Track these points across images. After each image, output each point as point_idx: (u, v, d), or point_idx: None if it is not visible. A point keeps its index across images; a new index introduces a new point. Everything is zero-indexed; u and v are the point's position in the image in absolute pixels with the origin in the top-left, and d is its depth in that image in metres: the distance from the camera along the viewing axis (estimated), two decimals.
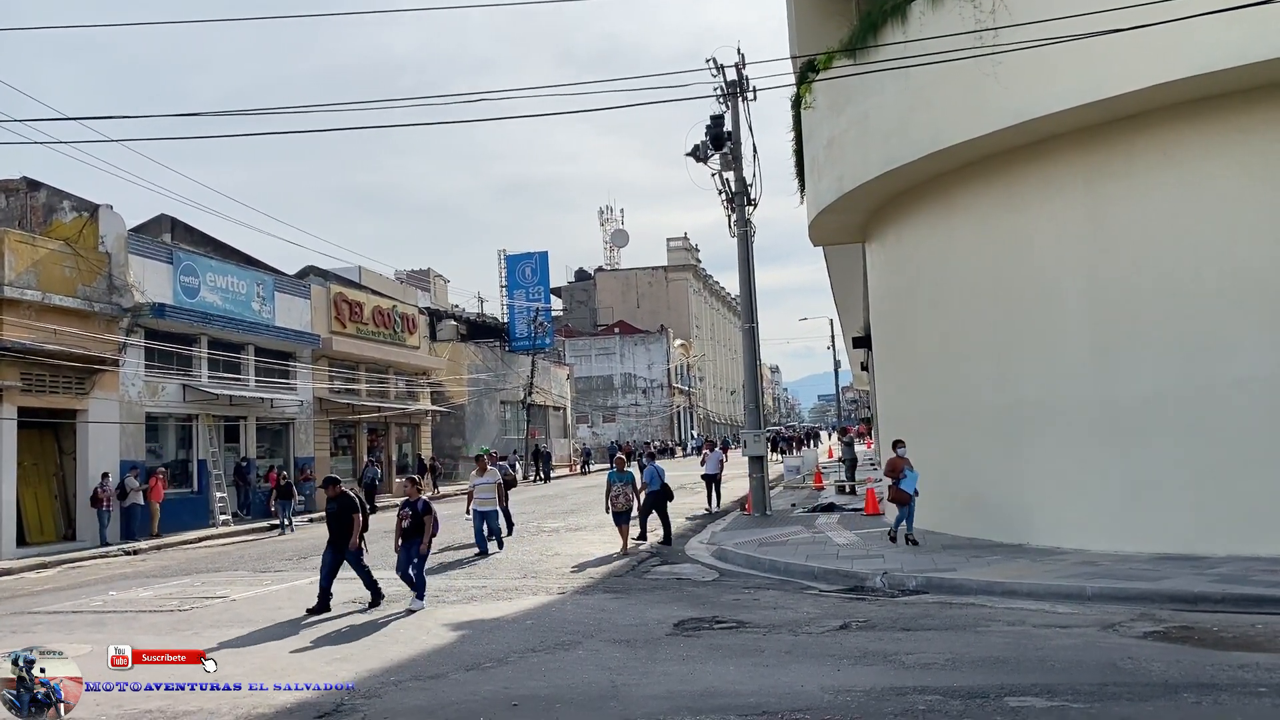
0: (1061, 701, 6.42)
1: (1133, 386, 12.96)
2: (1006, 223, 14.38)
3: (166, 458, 25.54)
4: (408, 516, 12.02)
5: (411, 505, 12.15)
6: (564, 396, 62.25)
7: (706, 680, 7.63)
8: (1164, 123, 12.61)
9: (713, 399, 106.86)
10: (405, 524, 12.03)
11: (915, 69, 13.52)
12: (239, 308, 27.61)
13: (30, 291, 20.30)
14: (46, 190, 23.19)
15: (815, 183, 17.99)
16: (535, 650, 9.13)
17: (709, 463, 23.55)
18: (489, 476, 16.91)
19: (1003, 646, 8.35)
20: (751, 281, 21.76)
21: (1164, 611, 9.68)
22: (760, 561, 14.42)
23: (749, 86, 21.72)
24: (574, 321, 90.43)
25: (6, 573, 17.70)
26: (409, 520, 11.99)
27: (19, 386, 19.94)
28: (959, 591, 11.36)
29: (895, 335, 18.10)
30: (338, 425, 33.78)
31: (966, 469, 15.32)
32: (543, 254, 60.19)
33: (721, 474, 24.07)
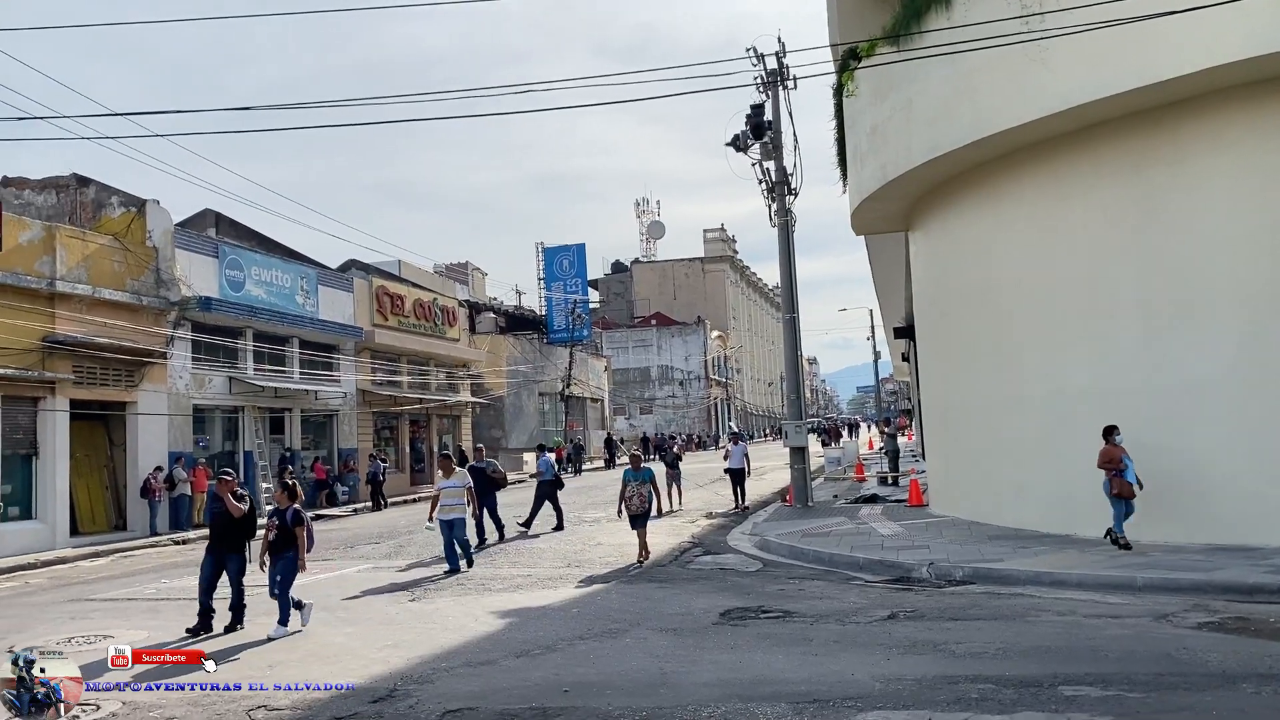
0: (1117, 691, 6.36)
1: (1184, 374, 12.78)
2: (1054, 210, 14.22)
3: (213, 449, 25.91)
4: (274, 528, 10.21)
5: (280, 515, 10.31)
6: (601, 388, 62.40)
7: (755, 669, 7.65)
8: (1215, 107, 12.39)
9: (750, 390, 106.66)
10: (272, 536, 10.22)
11: (960, 55, 13.38)
12: (283, 301, 27.93)
13: (81, 286, 20.66)
14: (95, 186, 23.59)
15: (858, 171, 17.89)
16: (583, 638, 9.18)
17: (733, 456, 22.20)
18: (456, 479, 14.60)
19: (1054, 636, 8.29)
20: (793, 272, 21.67)
21: (1218, 602, 9.55)
22: (804, 552, 14.39)
23: (789, 75, 21.62)
24: (611, 313, 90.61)
25: (61, 561, 18.06)
26: (275, 532, 10.19)
27: (71, 379, 20.31)
28: (1007, 582, 11.28)
29: (940, 324, 17.95)
30: (380, 417, 34.09)
31: (1013, 459, 15.18)
32: (580, 246, 60.36)
33: (748, 468, 22.61)
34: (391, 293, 34.45)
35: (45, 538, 19.51)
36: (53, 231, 20.44)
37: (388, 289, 34.36)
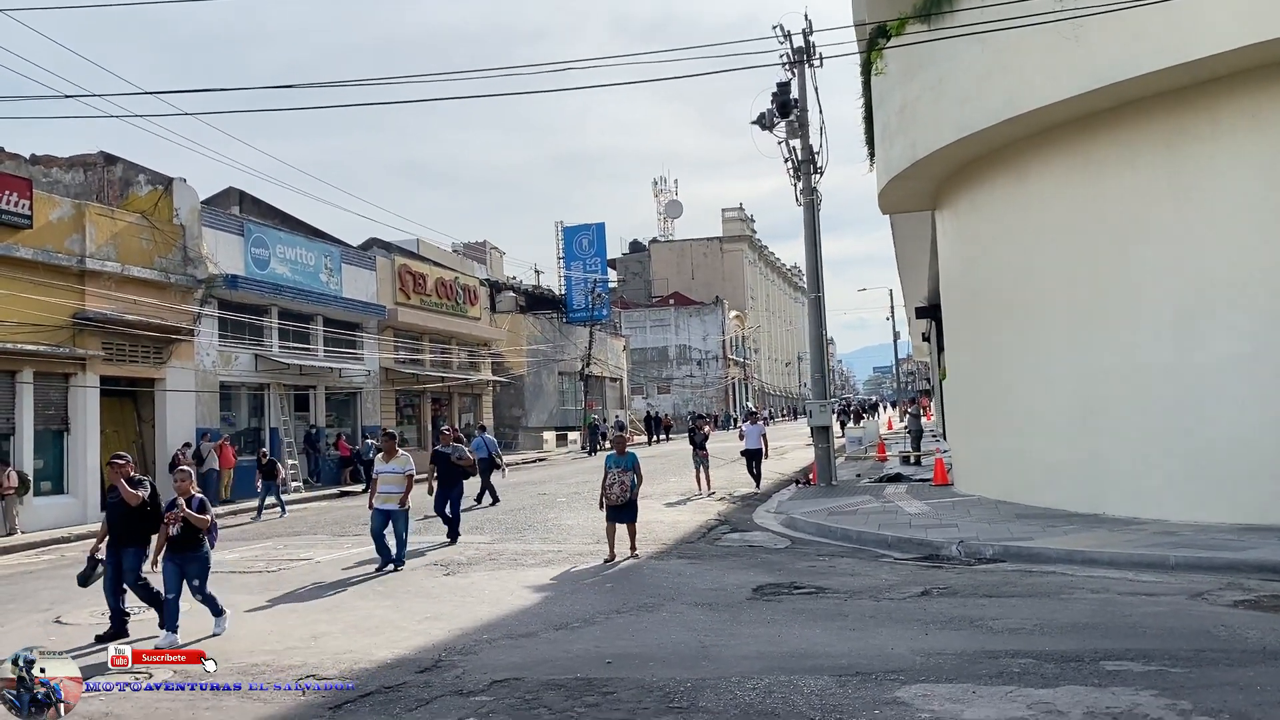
0: (1159, 666, 6.41)
1: (1214, 353, 12.74)
2: (1085, 189, 14.16)
3: (239, 426, 26.15)
4: (176, 520, 8.87)
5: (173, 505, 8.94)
6: (620, 368, 62.49)
7: (795, 642, 7.73)
8: (1251, 85, 12.30)
9: (768, 370, 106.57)
10: (174, 530, 8.90)
11: (992, 33, 13.31)
12: (307, 279, 28.08)
13: (110, 263, 20.83)
14: (123, 164, 23.72)
15: (886, 149, 17.83)
16: (619, 611, 9.29)
17: (749, 436, 21.95)
18: (396, 464, 12.69)
19: (1089, 613, 8.33)
20: (818, 250, 21.66)
21: (1252, 581, 9.58)
22: (832, 530, 14.46)
23: (815, 53, 21.55)
24: (629, 293, 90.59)
25: (94, 535, 18.25)
26: (178, 526, 8.88)
27: (101, 356, 20.51)
28: (1038, 560, 11.32)
29: (968, 303, 17.92)
30: (403, 395, 34.28)
31: (1042, 438, 15.17)
32: (599, 225, 60.31)
33: (765, 449, 22.25)
34: (414, 271, 34.58)
35: (77, 512, 19.78)
36: (82, 209, 20.60)
37: (410, 268, 34.48)
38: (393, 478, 12.62)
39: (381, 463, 12.85)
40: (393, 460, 12.71)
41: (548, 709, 6.29)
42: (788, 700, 6.14)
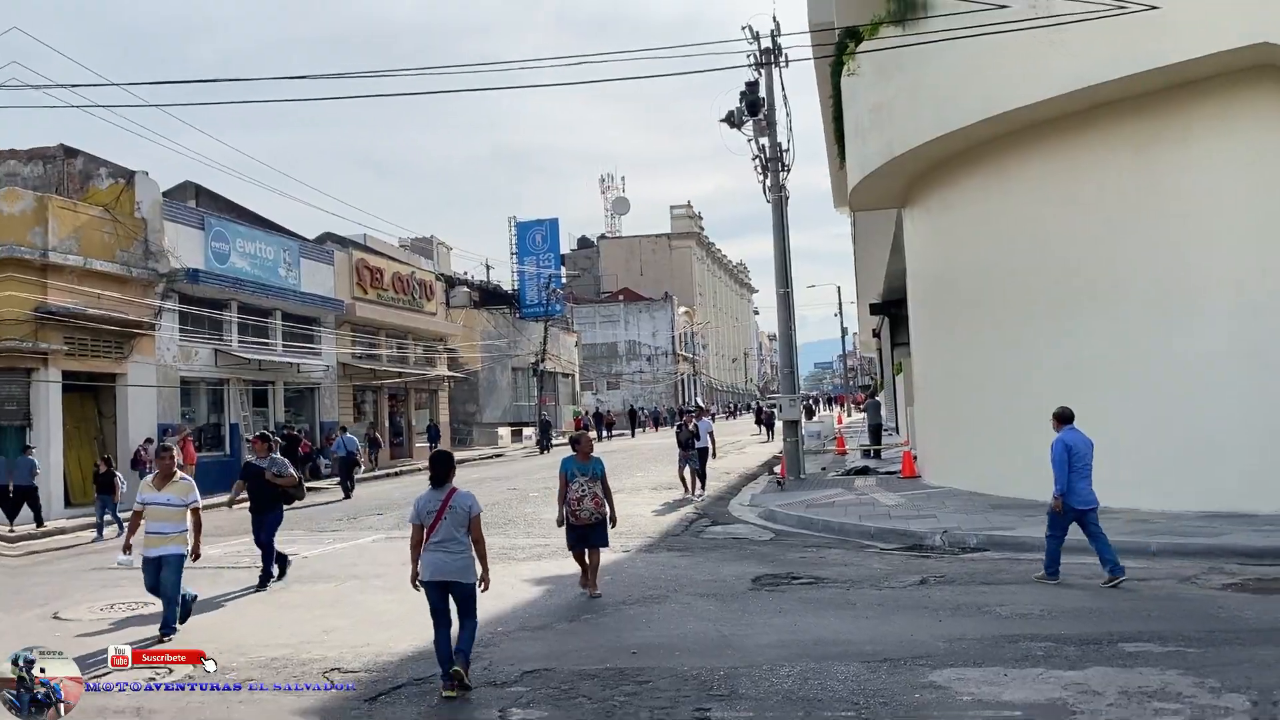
0: (1175, 647, 6.70)
1: (1188, 348, 13.17)
2: (1062, 187, 14.51)
3: (199, 421, 25.77)
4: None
5: None
6: (572, 363, 62.48)
7: (814, 631, 7.90)
8: (1222, 90, 12.74)
9: (715, 366, 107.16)
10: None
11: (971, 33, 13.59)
12: (267, 273, 27.75)
13: (73, 257, 20.43)
14: (83, 157, 23.27)
15: (860, 147, 18.10)
16: (626, 603, 9.39)
17: (698, 433, 19.50)
18: (173, 493, 9.02)
19: (1091, 598, 8.64)
20: (786, 246, 21.90)
21: (1231, 565, 9.98)
22: (813, 522, 14.69)
23: (783, 54, 21.81)
24: (577, 288, 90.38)
25: (60, 531, 17.94)
26: None
27: (63, 350, 20.14)
28: (1021, 548, 11.60)
29: (939, 299, 18.26)
30: (360, 390, 33.99)
31: (1017, 430, 15.48)
32: (553, 221, 60.31)
33: (713, 447, 20.31)
34: (371, 266, 34.30)
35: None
36: (45, 202, 20.20)
37: (368, 262, 34.21)
38: (165, 512, 8.99)
39: (149, 490, 9.11)
40: (168, 488, 9.04)
41: (587, 698, 6.39)
42: (825, 686, 6.31)
